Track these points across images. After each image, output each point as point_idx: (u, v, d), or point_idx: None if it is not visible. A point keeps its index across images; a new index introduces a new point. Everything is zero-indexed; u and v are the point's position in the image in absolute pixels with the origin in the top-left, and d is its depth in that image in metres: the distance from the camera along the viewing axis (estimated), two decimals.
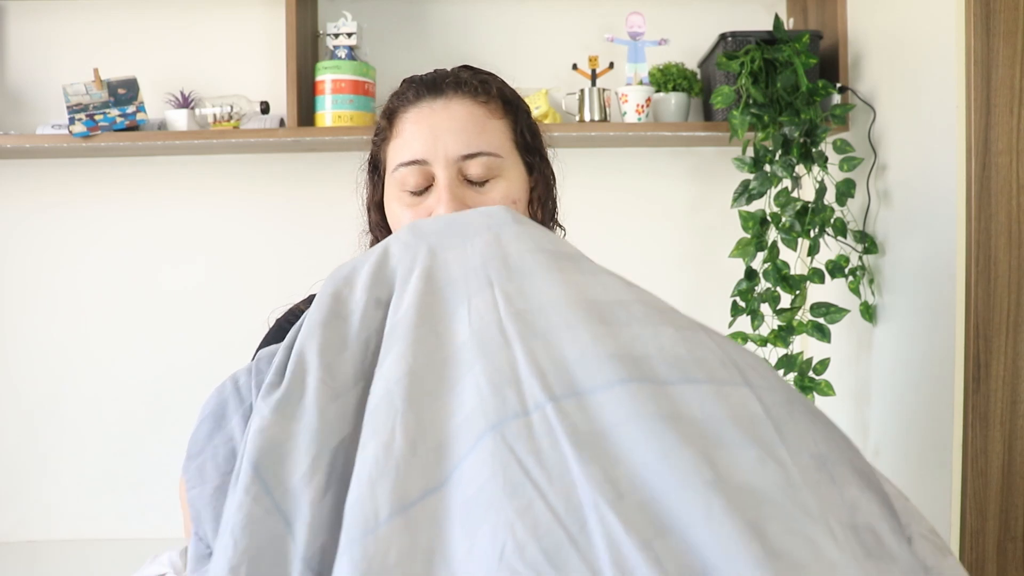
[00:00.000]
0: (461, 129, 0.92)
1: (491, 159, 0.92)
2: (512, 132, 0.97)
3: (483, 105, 0.95)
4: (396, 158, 0.94)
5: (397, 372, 0.61)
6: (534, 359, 0.59)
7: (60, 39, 2.04)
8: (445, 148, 0.91)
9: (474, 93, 0.95)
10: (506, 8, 2.07)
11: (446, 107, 0.93)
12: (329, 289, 0.72)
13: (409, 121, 0.94)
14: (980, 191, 1.39)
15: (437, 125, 0.92)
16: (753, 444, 0.53)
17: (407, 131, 0.94)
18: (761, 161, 1.78)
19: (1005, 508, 1.40)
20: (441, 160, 0.91)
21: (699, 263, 2.09)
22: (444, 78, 0.96)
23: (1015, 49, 1.37)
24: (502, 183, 0.93)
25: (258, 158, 2.07)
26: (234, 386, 0.71)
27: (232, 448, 0.67)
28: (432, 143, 0.92)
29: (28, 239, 2.06)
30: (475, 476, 0.54)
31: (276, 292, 2.02)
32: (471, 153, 0.92)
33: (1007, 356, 1.40)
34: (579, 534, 0.49)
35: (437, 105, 0.94)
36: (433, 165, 0.91)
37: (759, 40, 1.77)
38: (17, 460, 2.05)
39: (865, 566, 0.48)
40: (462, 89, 0.95)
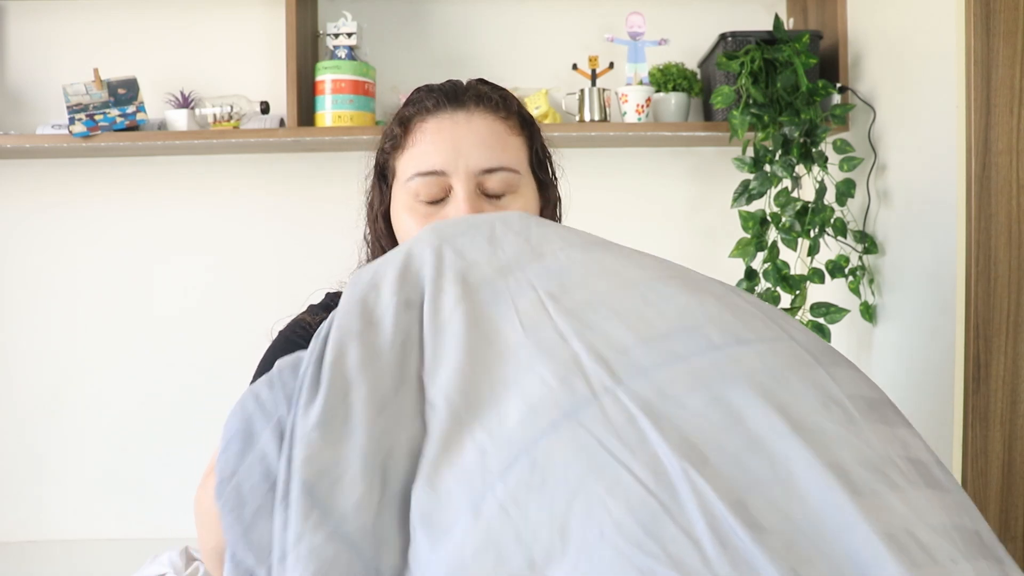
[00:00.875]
0: (483, 143, 0.91)
1: (510, 175, 0.92)
2: (528, 150, 0.96)
3: (503, 121, 0.94)
4: (412, 167, 0.92)
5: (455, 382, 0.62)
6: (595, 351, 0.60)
7: (60, 39, 2.04)
8: (467, 161, 0.90)
9: (495, 108, 0.94)
10: (506, 8, 2.07)
11: (468, 120, 0.92)
12: (355, 296, 0.70)
13: (428, 131, 0.92)
14: (980, 191, 1.39)
15: (459, 138, 0.91)
16: (814, 389, 0.57)
17: (426, 141, 0.92)
18: (761, 161, 1.78)
19: (1005, 508, 1.40)
20: (462, 173, 0.90)
21: (699, 263, 2.07)
22: (465, 91, 0.95)
23: (1015, 49, 1.37)
24: (519, 199, 0.93)
25: (258, 158, 2.07)
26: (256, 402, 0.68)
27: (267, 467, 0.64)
28: (453, 155, 0.90)
29: (28, 239, 2.06)
30: (555, 460, 0.54)
31: (276, 292, 2.03)
32: (492, 168, 0.91)
33: (1007, 356, 1.40)
34: (671, 502, 0.50)
35: (459, 117, 0.92)
36: (452, 177, 0.90)
37: (759, 40, 1.77)
38: (17, 460, 2.05)
39: (927, 494, 0.53)
40: (484, 103, 0.94)
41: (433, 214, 0.91)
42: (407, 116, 0.95)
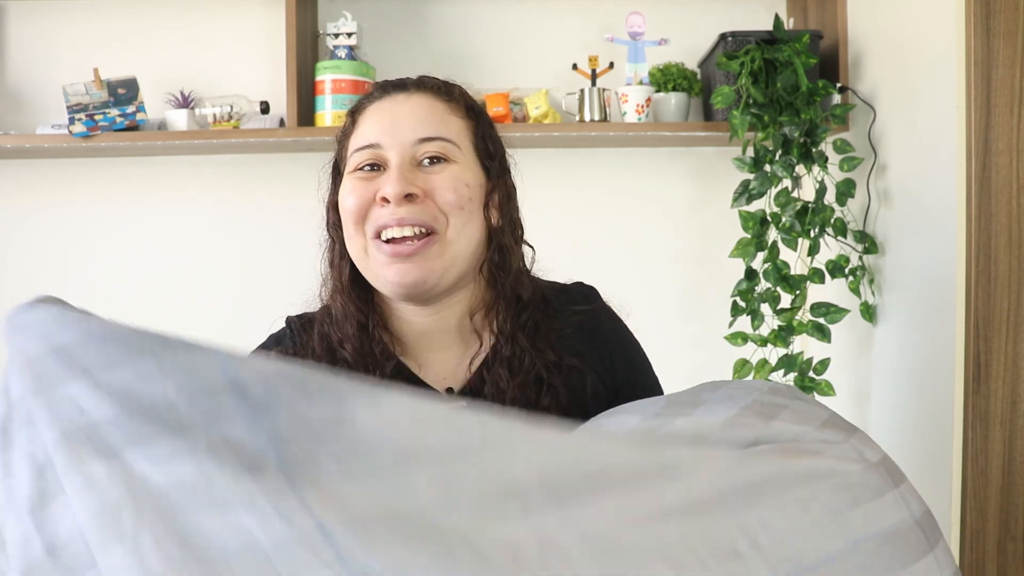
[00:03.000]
0: (421, 117, 0.93)
1: (446, 144, 0.92)
2: (472, 134, 0.96)
3: (445, 102, 0.96)
4: (353, 145, 0.95)
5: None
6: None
7: (60, 39, 2.04)
8: (402, 133, 0.92)
9: (436, 91, 0.96)
10: (506, 8, 2.07)
11: (407, 99, 0.94)
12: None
13: (370, 112, 0.95)
14: (980, 191, 1.39)
15: (396, 112, 0.93)
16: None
17: (367, 121, 0.95)
18: (761, 161, 1.78)
19: (1005, 508, 1.40)
20: (396, 144, 0.91)
21: (699, 263, 2.09)
22: (409, 79, 0.98)
23: (1015, 49, 1.37)
24: (453, 167, 0.92)
25: (258, 158, 2.07)
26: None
27: None
28: (389, 129, 0.92)
29: (28, 239, 2.06)
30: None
31: (276, 292, 2.03)
32: (426, 137, 0.92)
33: (1007, 356, 1.40)
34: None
35: (399, 97, 0.95)
36: (387, 149, 0.91)
37: (759, 40, 1.77)
38: None
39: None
40: (425, 87, 0.96)
41: (370, 179, 0.92)
42: (356, 107, 0.99)
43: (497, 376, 0.93)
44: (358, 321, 0.95)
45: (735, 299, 1.83)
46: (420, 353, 0.98)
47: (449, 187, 0.91)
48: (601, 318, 1.04)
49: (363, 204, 0.91)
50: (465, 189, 0.92)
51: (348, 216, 0.93)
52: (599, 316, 1.03)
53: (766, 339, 1.78)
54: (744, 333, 1.81)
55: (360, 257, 0.93)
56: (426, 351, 0.98)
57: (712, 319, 1.98)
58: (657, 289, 2.09)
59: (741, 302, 1.82)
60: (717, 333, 1.88)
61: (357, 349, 0.94)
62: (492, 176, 0.97)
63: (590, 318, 1.02)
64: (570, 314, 1.00)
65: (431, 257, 0.90)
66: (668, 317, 2.09)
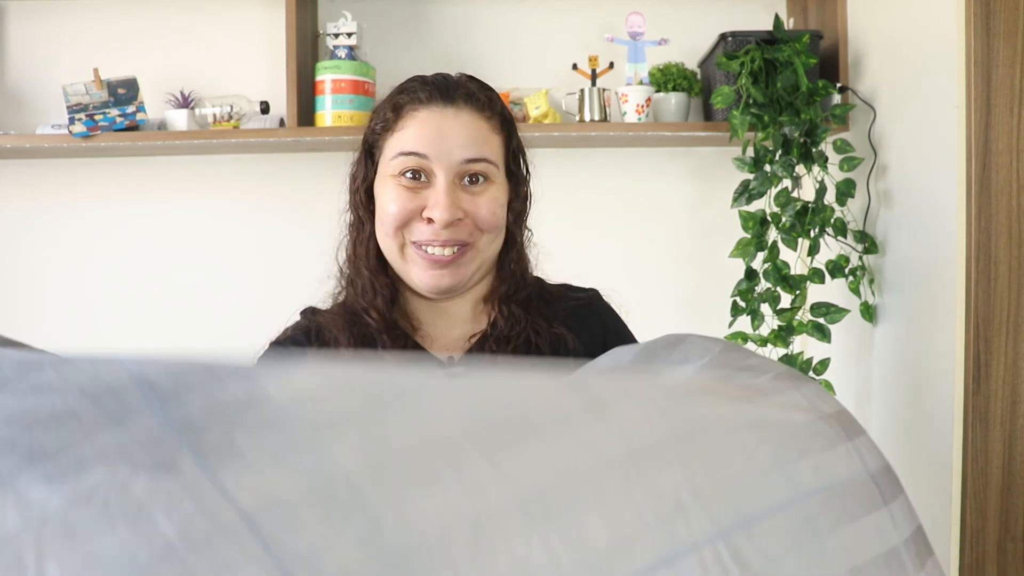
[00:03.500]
0: (468, 137, 0.97)
1: (488, 166, 0.98)
2: (505, 148, 1.02)
3: (487, 120, 1.00)
4: (398, 147, 0.98)
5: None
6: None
7: (60, 39, 2.04)
8: (450, 151, 0.96)
9: (481, 108, 1.00)
10: (506, 8, 2.07)
11: (457, 116, 0.98)
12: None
13: (418, 119, 0.98)
14: (980, 191, 1.39)
15: (446, 128, 0.97)
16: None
17: (415, 126, 0.98)
18: (761, 161, 1.78)
19: (1005, 508, 1.40)
20: (444, 161, 0.96)
21: (699, 263, 2.09)
22: (455, 87, 1.01)
23: (1015, 49, 1.37)
24: (493, 188, 0.98)
25: (258, 158, 2.07)
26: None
27: None
28: (438, 143, 0.96)
29: (28, 239, 2.06)
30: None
31: (276, 292, 2.03)
32: (473, 159, 0.97)
33: (1007, 356, 1.40)
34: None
35: (448, 112, 0.98)
36: (434, 163, 0.96)
37: (759, 40, 1.77)
38: None
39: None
40: (472, 102, 1.00)
41: (415, 188, 0.96)
42: (400, 103, 1.00)
43: (492, 346, 1.00)
44: (386, 295, 1.01)
45: (735, 299, 1.83)
46: (430, 331, 1.04)
47: (489, 211, 0.97)
48: (599, 305, 1.10)
49: (407, 215, 0.96)
50: (500, 210, 0.99)
51: (389, 220, 0.97)
52: (597, 304, 1.10)
53: (766, 339, 1.79)
54: (744, 333, 1.81)
55: (394, 254, 0.99)
56: (436, 329, 1.04)
57: (712, 319, 1.98)
58: (657, 289, 2.09)
59: (741, 302, 1.82)
60: (717, 333, 1.86)
61: (384, 319, 1.00)
62: (517, 186, 1.04)
63: (587, 304, 1.08)
64: (568, 299, 1.07)
65: (464, 263, 0.97)
66: (668, 317, 2.09)
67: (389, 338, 0.99)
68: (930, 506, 1.51)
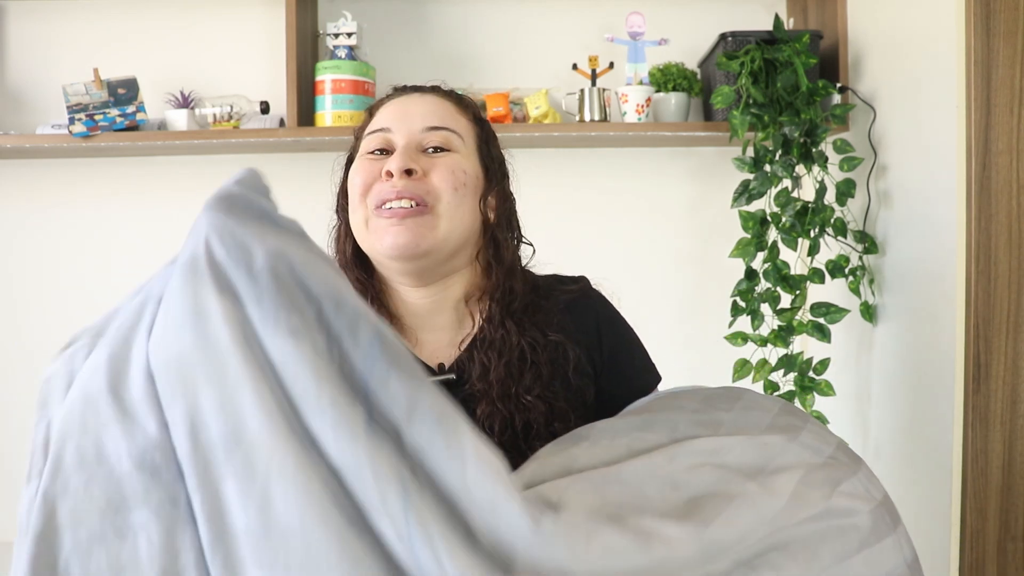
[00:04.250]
0: (429, 111, 1.01)
1: (450, 134, 1.00)
2: (475, 136, 1.05)
3: (455, 103, 1.04)
4: (366, 132, 1.04)
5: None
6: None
7: (60, 39, 2.04)
8: (411, 121, 1.00)
9: (448, 96, 1.05)
10: (506, 8, 2.07)
11: (422, 98, 1.04)
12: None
13: (385, 107, 1.05)
14: (980, 191, 1.39)
15: (409, 105, 1.02)
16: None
17: (381, 113, 1.04)
18: (761, 161, 1.78)
19: (1005, 508, 1.40)
20: (404, 130, 1.00)
21: (699, 263, 2.09)
22: (426, 85, 1.07)
23: (1015, 49, 1.37)
24: (455, 156, 1.00)
25: (258, 158, 2.07)
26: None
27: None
28: (400, 117, 1.01)
29: (28, 239, 2.06)
30: None
31: None
32: (433, 126, 1.00)
33: (1007, 356, 1.40)
34: None
35: (414, 96, 1.04)
36: (395, 134, 1.00)
37: (759, 40, 1.77)
38: (17, 460, 2.04)
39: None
40: (439, 91, 1.05)
41: (376, 162, 0.99)
42: (374, 105, 1.08)
43: (484, 357, 0.99)
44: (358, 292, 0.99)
45: (735, 299, 1.83)
46: (416, 332, 1.03)
47: (447, 169, 0.98)
48: (589, 295, 1.09)
49: (368, 180, 0.99)
50: (461, 175, 0.99)
51: (354, 191, 1.00)
52: (587, 294, 1.09)
53: (766, 339, 1.79)
54: (744, 333, 1.81)
55: (361, 229, 1.00)
56: (421, 331, 1.03)
57: (712, 319, 1.98)
58: (657, 289, 2.09)
59: (741, 302, 1.82)
60: (717, 333, 1.88)
61: None
62: (491, 177, 1.04)
63: (578, 296, 1.08)
64: (559, 294, 1.06)
65: (422, 225, 0.96)
66: (668, 317, 2.09)
67: None
68: (930, 506, 1.51)
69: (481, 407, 0.96)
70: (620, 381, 1.06)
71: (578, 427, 0.97)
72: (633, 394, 1.06)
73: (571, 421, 0.98)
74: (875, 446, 1.75)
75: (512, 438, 0.95)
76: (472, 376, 0.98)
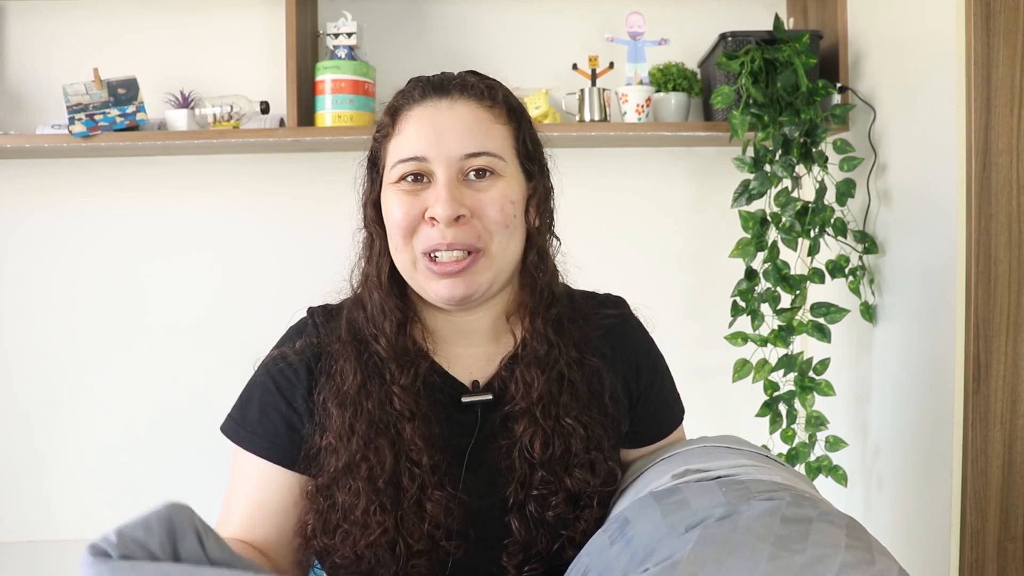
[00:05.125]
0: (465, 129, 0.92)
1: (492, 159, 0.92)
2: (514, 139, 0.96)
3: (488, 109, 0.95)
4: (397, 154, 0.94)
5: None
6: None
7: (60, 39, 2.04)
8: (448, 147, 0.91)
9: (479, 97, 0.95)
10: (506, 8, 2.07)
11: (451, 107, 0.93)
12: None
13: (412, 119, 0.94)
14: (980, 191, 1.39)
15: (441, 124, 0.92)
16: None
17: (410, 128, 0.94)
18: (761, 161, 1.78)
19: (1005, 508, 1.40)
20: (443, 159, 0.91)
21: (699, 263, 2.09)
22: (450, 80, 0.96)
23: (1015, 49, 1.37)
24: (500, 183, 0.93)
25: (258, 158, 2.07)
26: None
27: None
28: (434, 141, 0.91)
29: (28, 239, 2.06)
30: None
31: (276, 292, 2.03)
32: (473, 152, 0.91)
33: (1007, 356, 1.40)
34: None
35: (442, 105, 0.93)
36: (433, 163, 0.91)
37: (759, 40, 1.77)
38: (17, 460, 2.05)
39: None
40: (468, 92, 0.95)
41: (416, 192, 0.92)
42: (396, 106, 0.97)
43: (526, 373, 0.95)
44: (396, 319, 0.96)
45: (735, 299, 1.83)
46: (451, 349, 1.00)
47: (496, 206, 0.91)
48: (630, 324, 1.07)
49: (411, 220, 0.92)
50: (510, 206, 0.93)
51: (396, 229, 0.93)
52: (628, 323, 1.07)
53: (766, 339, 1.79)
54: (744, 333, 1.81)
55: (408, 269, 0.94)
56: (457, 347, 1.00)
57: (712, 319, 1.98)
58: (657, 289, 2.09)
59: (741, 302, 1.82)
60: (717, 333, 1.88)
61: (392, 345, 0.95)
62: (533, 178, 0.98)
63: (619, 323, 1.05)
64: (600, 317, 1.03)
65: (478, 272, 0.91)
66: (668, 317, 2.08)
67: (397, 367, 0.93)
68: (930, 506, 1.51)
69: (522, 425, 0.93)
70: (650, 414, 1.06)
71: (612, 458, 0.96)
72: (660, 428, 1.06)
73: (605, 450, 0.96)
74: (875, 446, 1.75)
75: (551, 459, 0.93)
76: (516, 394, 0.95)
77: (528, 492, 0.93)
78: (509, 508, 0.92)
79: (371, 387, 0.93)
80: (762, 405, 1.80)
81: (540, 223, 0.99)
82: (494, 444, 0.94)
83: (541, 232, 0.99)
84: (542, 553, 0.93)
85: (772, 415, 1.80)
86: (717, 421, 2.04)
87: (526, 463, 0.93)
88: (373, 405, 0.92)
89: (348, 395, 0.93)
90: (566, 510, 0.93)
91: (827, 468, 1.75)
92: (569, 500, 0.93)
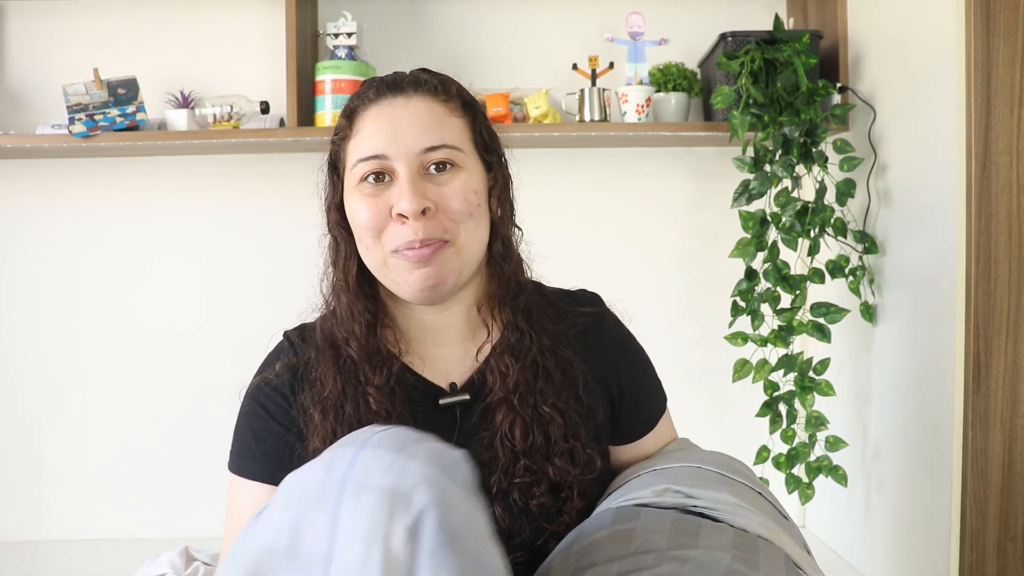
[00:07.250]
0: (422, 124, 0.93)
1: (451, 151, 0.93)
2: (471, 131, 0.98)
3: (443, 103, 0.96)
4: (356, 154, 0.95)
5: None
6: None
7: (60, 39, 2.04)
8: (406, 143, 0.92)
9: (434, 92, 0.96)
10: (506, 8, 2.07)
11: (407, 104, 0.94)
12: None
13: (369, 118, 0.95)
14: (980, 191, 1.39)
15: (398, 120, 0.93)
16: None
17: (367, 127, 0.95)
18: (761, 161, 1.78)
19: (1005, 508, 1.40)
20: (403, 155, 0.92)
21: (699, 263, 2.09)
22: (404, 78, 0.98)
23: (1015, 49, 1.37)
24: (462, 174, 0.94)
25: (258, 158, 2.07)
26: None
27: None
28: (393, 138, 0.92)
29: (28, 239, 2.06)
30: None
31: (276, 293, 2.03)
32: (432, 146, 0.92)
33: (1007, 356, 1.40)
34: None
35: (398, 102, 0.95)
36: (394, 160, 0.92)
37: (759, 40, 1.77)
38: (16, 460, 2.05)
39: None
40: (422, 88, 0.96)
41: (379, 193, 0.93)
42: (352, 108, 0.98)
43: (500, 362, 0.96)
44: (366, 320, 0.97)
45: (735, 299, 1.83)
46: (425, 349, 1.00)
47: (459, 197, 0.92)
48: (606, 321, 1.06)
49: (379, 220, 0.93)
50: (473, 196, 0.94)
51: (363, 231, 0.94)
52: (604, 320, 1.06)
53: (766, 339, 1.79)
54: (744, 333, 1.81)
55: (379, 268, 0.95)
56: (431, 347, 1.00)
57: (712, 319, 1.98)
58: (657, 289, 2.09)
59: (741, 302, 1.82)
60: (717, 333, 1.88)
61: (363, 347, 0.96)
62: (492, 169, 0.99)
63: (595, 321, 1.05)
64: (575, 315, 1.03)
65: (446, 260, 0.92)
66: (668, 317, 2.09)
67: (370, 368, 0.94)
68: (930, 506, 1.51)
69: (501, 413, 0.94)
70: (634, 410, 1.06)
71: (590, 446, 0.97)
72: (643, 420, 1.07)
73: (583, 439, 0.96)
74: (875, 446, 1.75)
75: (532, 447, 0.94)
76: (493, 385, 0.96)
77: (511, 480, 0.93)
78: (493, 496, 0.93)
79: (348, 391, 0.94)
80: (762, 405, 1.80)
81: (503, 212, 0.99)
82: (476, 438, 0.95)
83: (504, 221, 0.99)
84: (526, 542, 0.94)
85: (772, 415, 1.80)
86: (717, 421, 2.04)
87: (509, 451, 0.94)
88: (352, 409, 0.93)
89: (329, 400, 0.94)
90: (549, 501, 0.94)
91: (827, 468, 1.75)
92: (552, 490, 0.94)
